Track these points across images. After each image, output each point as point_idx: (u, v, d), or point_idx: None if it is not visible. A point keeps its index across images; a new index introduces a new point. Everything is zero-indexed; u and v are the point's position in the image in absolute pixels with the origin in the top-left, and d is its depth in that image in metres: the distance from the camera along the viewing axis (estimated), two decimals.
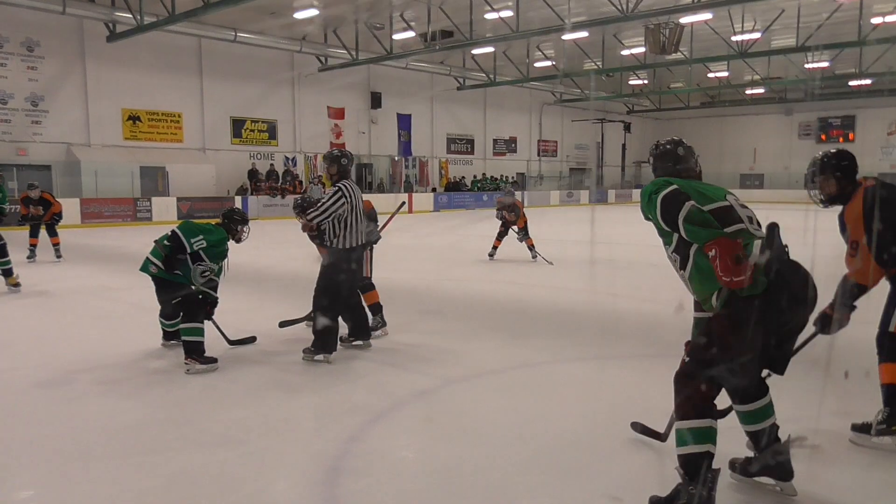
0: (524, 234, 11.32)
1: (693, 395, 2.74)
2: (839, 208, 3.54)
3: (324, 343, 5.11)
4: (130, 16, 18.13)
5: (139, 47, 20.71)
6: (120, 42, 19.64)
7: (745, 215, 2.77)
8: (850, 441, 3.59)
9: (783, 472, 2.93)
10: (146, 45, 20.83)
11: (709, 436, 2.73)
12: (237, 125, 24.72)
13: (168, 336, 5.50)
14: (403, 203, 6.27)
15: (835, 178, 3.50)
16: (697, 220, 2.67)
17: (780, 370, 2.91)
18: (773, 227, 2.73)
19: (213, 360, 4.95)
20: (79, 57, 20.70)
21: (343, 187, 5.18)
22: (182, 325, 5.01)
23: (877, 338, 3.56)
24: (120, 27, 19.23)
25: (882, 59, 26.35)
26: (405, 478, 3.27)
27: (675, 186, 2.77)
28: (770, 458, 2.93)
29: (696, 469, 2.71)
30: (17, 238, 10.51)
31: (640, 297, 8.21)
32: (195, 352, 4.91)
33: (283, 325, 5.94)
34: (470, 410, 4.23)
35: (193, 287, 5.04)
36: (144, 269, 5.18)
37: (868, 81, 30.70)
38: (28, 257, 10.97)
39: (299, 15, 20.67)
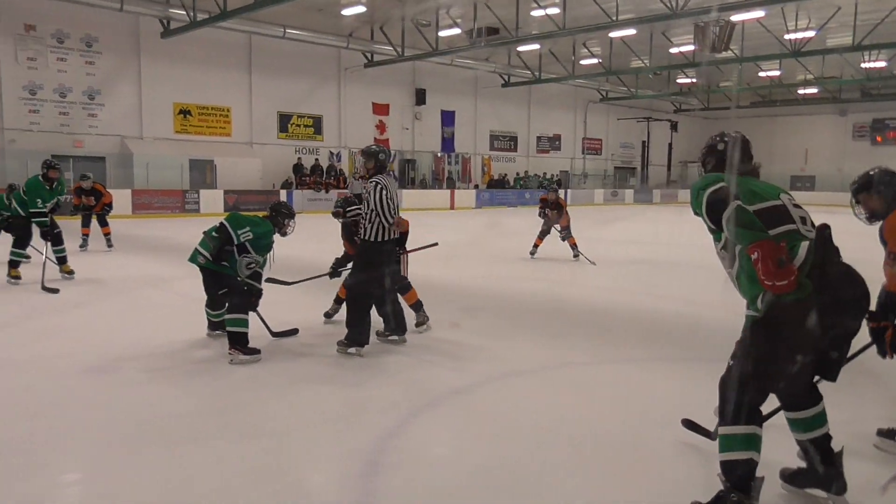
0: (567, 232, 11.23)
1: (737, 401, 2.67)
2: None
3: (356, 336, 5.15)
4: (184, 12, 18.59)
5: (191, 43, 21.17)
6: (173, 38, 20.12)
7: (798, 216, 2.71)
8: (875, 446, 3.50)
9: (834, 485, 2.82)
10: (198, 41, 21.29)
11: (752, 443, 2.67)
12: (284, 120, 25.10)
13: (213, 326, 5.61)
14: (436, 244, 6.21)
15: (878, 194, 3.42)
16: (741, 221, 2.60)
17: (832, 377, 2.78)
18: (824, 229, 2.64)
19: (257, 352, 5.04)
20: (134, 52, 21.29)
21: (379, 180, 5.21)
22: (227, 316, 5.11)
23: None
24: (174, 24, 19.70)
25: None
26: (441, 475, 3.28)
27: (723, 184, 2.70)
28: (822, 469, 2.84)
29: (738, 476, 2.66)
30: (69, 227, 10.85)
31: (684, 298, 8.07)
32: (239, 342, 5.00)
33: (269, 281, 5.77)
34: (507, 409, 4.21)
35: (239, 278, 5.14)
36: (193, 259, 5.30)
37: None
38: (80, 246, 11.32)
39: (347, 11, 20.91)
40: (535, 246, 11.46)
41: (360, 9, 20.60)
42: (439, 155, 29.95)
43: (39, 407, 4.08)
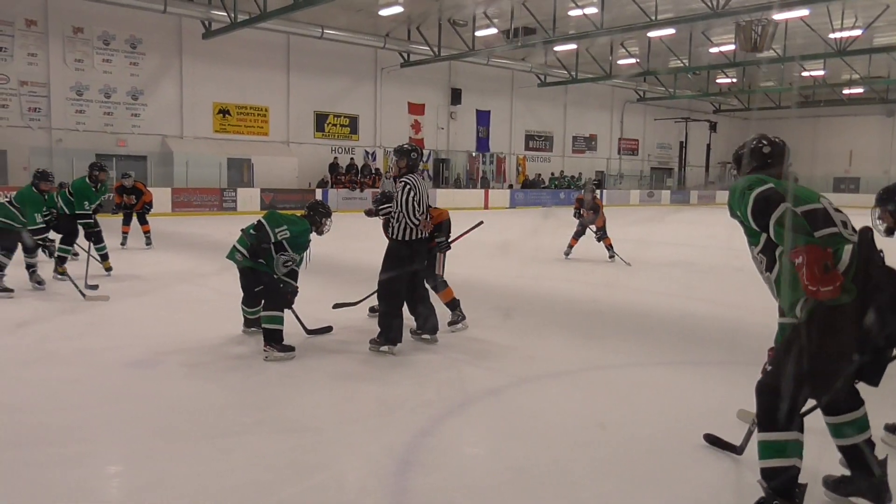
0: (603, 233, 11.13)
1: (776, 407, 2.60)
2: None
3: (388, 335, 5.18)
4: (225, 14, 18.90)
5: (231, 44, 21.51)
6: (214, 39, 20.48)
7: (840, 219, 2.68)
8: (882, 440, 3.44)
9: (878, 494, 2.75)
10: (237, 42, 21.62)
11: (794, 449, 2.61)
12: (320, 119, 25.34)
13: (249, 323, 5.69)
14: (482, 222, 6.22)
15: (887, 211, 3.44)
16: (790, 224, 2.53)
17: (875, 381, 2.69)
18: (867, 232, 2.59)
19: (291, 349, 5.10)
20: (176, 53, 21.72)
21: (408, 180, 5.22)
22: (263, 314, 5.18)
23: None
24: (215, 25, 20.05)
25: None
26: (475, 475, 3.28)
27: (771, 185, 2.65)
28: (864, 477, 2.77)
29: (781, 483, 2.60)
30: (110, 225, 11.12)
31: (721, 301, 7.94)
32: (274, 339, 5.07)
33: (336, 306, 6.16)
34: (542, 410, 4.20)
35: (275, 276, 5.21)
36: (231, 256, 5.38)
37: None
38: (121, 244, 11.58)
39: (385, 12, 21.04)
40: (570, 246, 11.38)
41: (398, 9, 20.71)
42: (474, 154, 29.93)
43: (85, 398, 4.20)
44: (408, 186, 5.15)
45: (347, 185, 24.35)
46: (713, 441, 3.48)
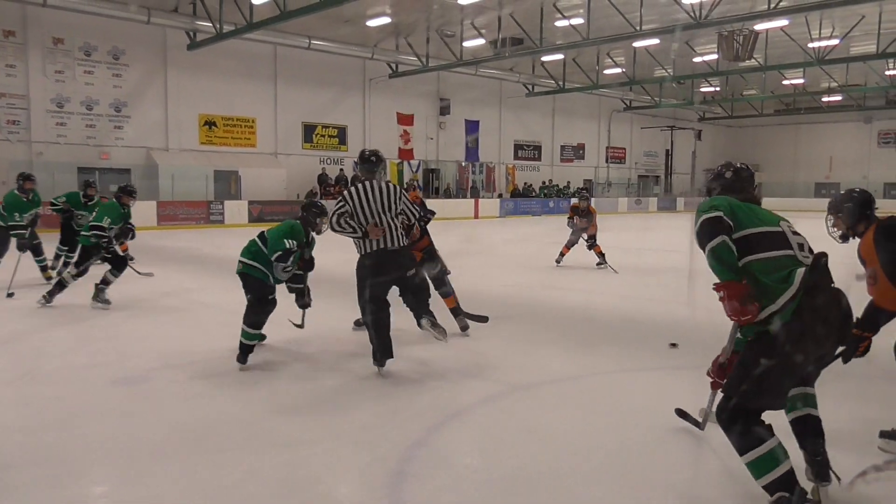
0: (593, 241, 11.19)
1: (748, 430, 2.73)
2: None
3: (375, 353, 4.97)
4: (210, 24, 18.84)
5: (217, 55, 21.46)
6: (199, 50, 20.42)
7: (797, 242, 2.87)
8: (879, 448, 3.55)
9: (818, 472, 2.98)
10: (224, 53, 21.57)
11: (779, 453, 2.70)
12: (308, 130, 25.32)
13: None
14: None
15: (838, 218, 3.63)
16: (721, 257, 2.76)
17: (810, 383, 3.07)
18: (822, 257, 2.78)
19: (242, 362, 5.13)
20: (160, 64, 21.62)
21: (344, 194, 5.00)
22: (243, 326, 5.16)
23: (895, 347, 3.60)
24: (200, 35, 20.01)
25: None
26: (469, 484, 3.26)
27: (720, 213, 2.81)
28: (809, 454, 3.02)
29: (786, 487, 2.68)
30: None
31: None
32: (244, 354, 5.11)
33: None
34: (535, 418, 4.19)
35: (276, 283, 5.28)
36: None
37: None
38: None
39: (372, 23, 21.07)
40: (562, 254, 11.41)
41: (386, 20, 20.78)
42: (463, 164, 30.00)
43: (69, 417, 4.11)
44: (340, 199, 4.98)
45: (336, 197, 24.30)
46: (682, 415, 3.75)
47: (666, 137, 38.39)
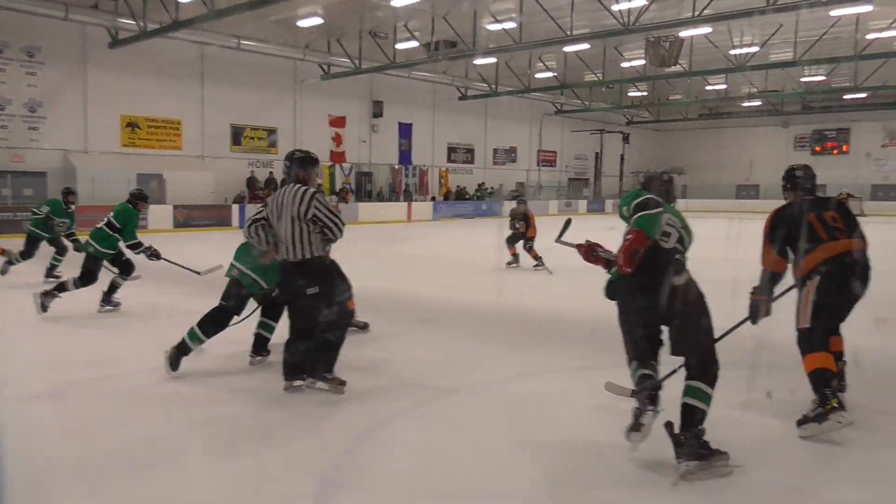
0: (531, 244, 11.35)
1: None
2: None
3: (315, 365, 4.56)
4: (133, 22, 18.16)
5: (141, 54, 20.68)
6: (121, 48, 19.64)
7: (665, 231, 3.64)
8: (801, 437, 3.77)
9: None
10: (148, 52, 20.81)
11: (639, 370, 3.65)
12: (237, 132, 24.71)
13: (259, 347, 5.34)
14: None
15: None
16: (646, 216, 3.64)
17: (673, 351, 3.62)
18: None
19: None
20: (80, 63, 20.68)
21: (269, 198, 4.73)
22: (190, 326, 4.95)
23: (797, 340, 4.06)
24: (123, 34, 19.25)
25: (877, 74, 26.53)
26: (401, 492, 3.21)
27: (649, 196, 3.77)
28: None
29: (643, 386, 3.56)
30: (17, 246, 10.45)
31: None
32: (182, 352, 4.90)
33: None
34: (468, 421, 4.18)
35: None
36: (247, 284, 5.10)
37: (863, 95, 30.92)
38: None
39: (303, 23, 20.74)
40: (514, 255, 11.57)
41: (317, 20, 20.48)
42: (397, 167, 29.90)
43: None
44: (262, 204, 4.81)
45: (265, 201, 23.77)
46: (612, 389, 4.00)
47: (596, 141, 39.27)
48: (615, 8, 18.41)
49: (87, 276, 7.20)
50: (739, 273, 5.27)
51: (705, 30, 20.42)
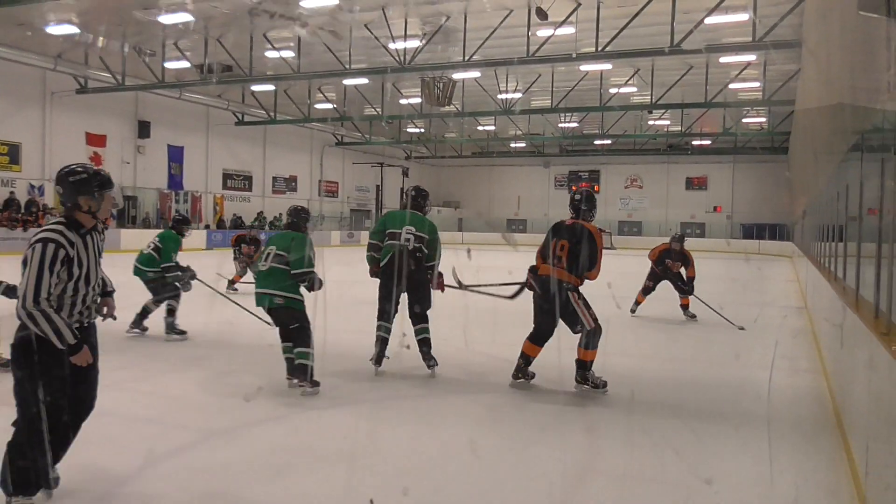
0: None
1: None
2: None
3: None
4: None
5: None
6: None
7: (404, 238, 5.98)
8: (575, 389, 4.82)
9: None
10: None
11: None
12: None
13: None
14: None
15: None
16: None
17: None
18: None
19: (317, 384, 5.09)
20: None
21: (49, 235, 3.01)
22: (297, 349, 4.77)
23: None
24: None
25: (619, 123, 30.47)
26: None
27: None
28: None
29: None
30: None
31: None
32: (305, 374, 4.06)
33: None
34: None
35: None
36: (262, 303, 5.47)
37: (608, 141, 35.29)
38: None
39: (55, 30, 18.64)
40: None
41: (72, 28, 18.53)
42: (166, 192, 27.98)
43: None
44: (44, 245, 2.98)
45: (6, 224, 20.91)
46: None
47: (376, 174, 40.16)
48: (392, 46, 19.10)
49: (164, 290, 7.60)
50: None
51: (475, 73, 21.98)
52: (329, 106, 28.49)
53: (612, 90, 24.73)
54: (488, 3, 17.25)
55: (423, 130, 36.94)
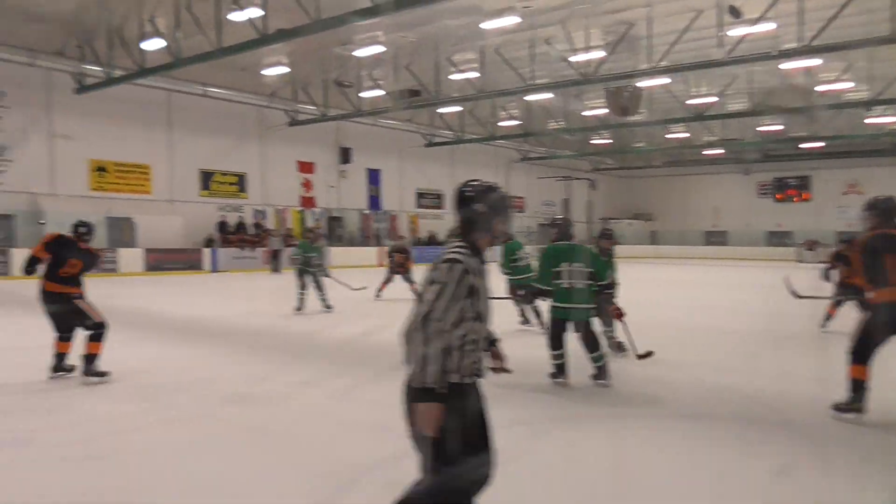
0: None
1: None
2: None
3: None
4: (100, 69, 18.31)
5: (108, 99, 20.74)
6: (88, 94, 19.74)
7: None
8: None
9: None
10: (115, 98, 20.87)
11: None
12: (206, 177, 24.80)
13: None
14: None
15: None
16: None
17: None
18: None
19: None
20: (45, 108, 20.71)
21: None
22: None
23: None
24: (89, 80, 19.35)
25: (832, 124, 27.59)
26: None
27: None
28: None
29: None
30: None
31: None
32: None
33: None
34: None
35: None
36: None
37: (821, 144, 31.98)
38: None
39: (268, 72, 21.00)
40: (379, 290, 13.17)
41: (282, 69, 20.78)
42: (366, 212, 30.10)
43: None
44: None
45: (237, 245, 23.78)
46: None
47: (562, 187, 39.92)
48: (574, 59, 19.03)
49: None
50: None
51: (663, 80, 21.12)
52: (513, 122, 28.94)
53: (821, 87, 22.53)
54: (675, 6, 16.64)
55: (609, 141, 36.13)
